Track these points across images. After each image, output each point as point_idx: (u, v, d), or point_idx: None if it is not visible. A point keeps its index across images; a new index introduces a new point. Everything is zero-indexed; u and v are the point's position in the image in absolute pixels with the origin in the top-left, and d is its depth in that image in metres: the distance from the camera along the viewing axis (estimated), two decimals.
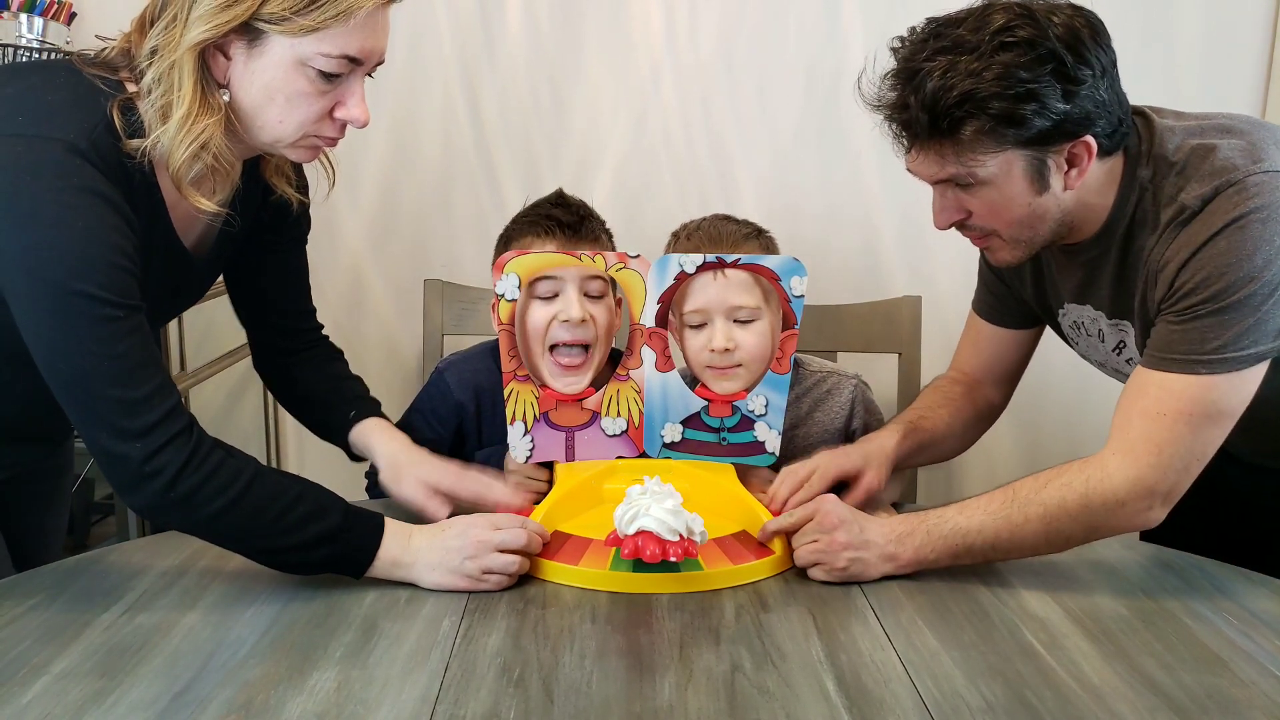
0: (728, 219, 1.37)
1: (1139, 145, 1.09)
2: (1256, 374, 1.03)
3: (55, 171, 0.93)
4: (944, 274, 1.95)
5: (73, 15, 1.76)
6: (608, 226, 1.40)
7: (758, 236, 1.36)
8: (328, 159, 1.16)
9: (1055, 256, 1.19)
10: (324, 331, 1.36)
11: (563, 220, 1.33)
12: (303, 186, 1.23)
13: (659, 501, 1.05)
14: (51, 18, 1.69)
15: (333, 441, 1.31)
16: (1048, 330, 1.34)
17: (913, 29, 1.07)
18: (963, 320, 1.90)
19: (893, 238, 1.96)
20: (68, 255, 0.92)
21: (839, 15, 1.90)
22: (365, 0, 0.98)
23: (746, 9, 1.90)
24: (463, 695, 0.86)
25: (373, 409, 1.30)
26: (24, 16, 1.67)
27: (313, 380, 1.32)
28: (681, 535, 1.04)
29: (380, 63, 1.05)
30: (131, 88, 1.01)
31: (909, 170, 1.12)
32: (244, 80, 1.00)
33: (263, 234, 1.21)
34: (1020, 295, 1.30)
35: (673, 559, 1.04)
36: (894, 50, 1.07)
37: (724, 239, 1.32)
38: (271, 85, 1.00)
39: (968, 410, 1.35)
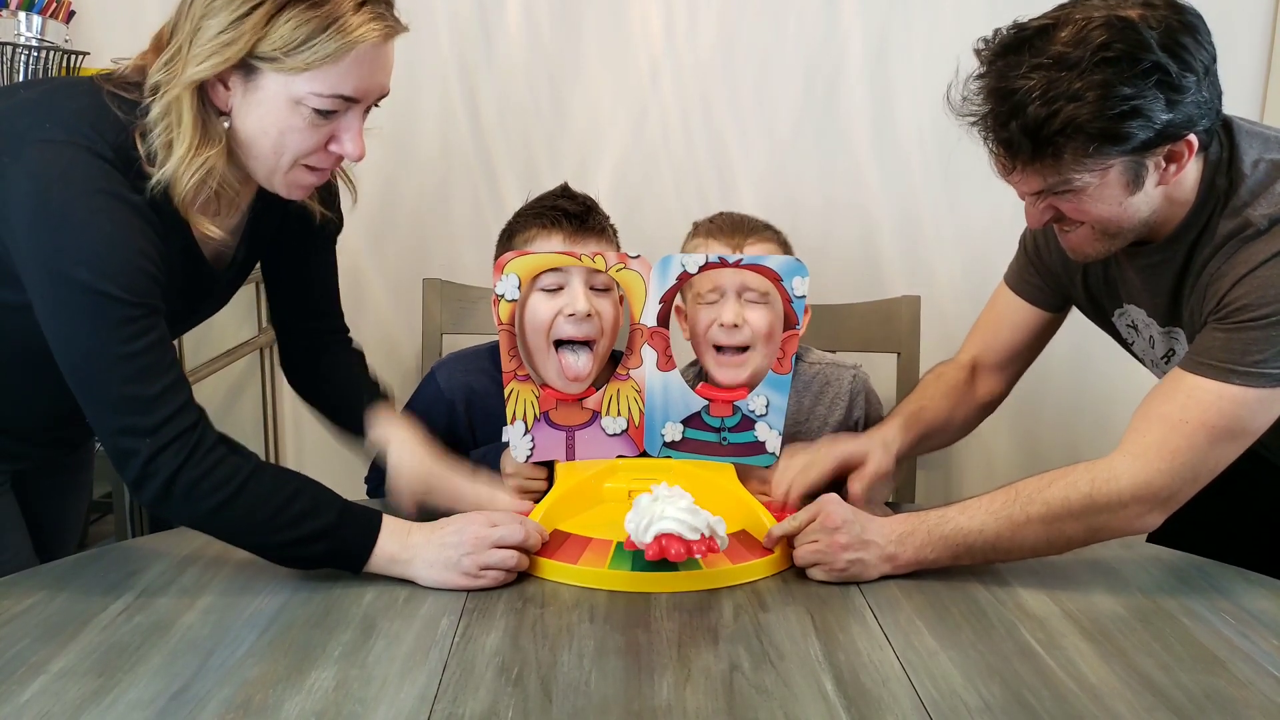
0: (745, 217, 1.40)
1: (1220, 154, 1.07)
2: None
3: (84, 175, 0.96)
4: (943, 273, 1.96)
5: (71, 13, 1.76)
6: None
7: (775, 235, 1.40)
8: (347, 174, 1.18)
9: (1118, 256, 1.17)
10: (349, 335, 1.37)
11: (569, 211, 1.32)
12: (329, 194, 1.22)
13: (672, 503, 1.05)
14: (50, 15, 1.69)
15: (351, 436, 1.30)
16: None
17: (997, 31, 1.04)
18: (962, 320, 1.91)
19: (892, 237, 1.97)
20: (94, 257, 0.95)
21: (838, 14, 1.90)
22: (356, 41, 0.99)
23: (745, 8, 1.90)
24: (461, 694, 0.86)
25: (390, 404, 1.30)
26: (23, 14, 1.67)
27: (336, 379, 1.33)
28: (703, 534, 1.04)
29: (383, 95, 1.06)
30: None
31: (1003, 179, 1.09)
32: (241, 112, 1.02)
33: (290, 240, 1.22)
34: (1065, 289, 1.29)
35: (697, 556, 1.04)
36: (978, 53, 1.05)
37: (744, 224, 1.37)
38: (266, 120, 1.01)
39: (969, 399, 1.35)
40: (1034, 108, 0.98)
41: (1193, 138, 1.02)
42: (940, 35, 1.89)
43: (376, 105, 1.07)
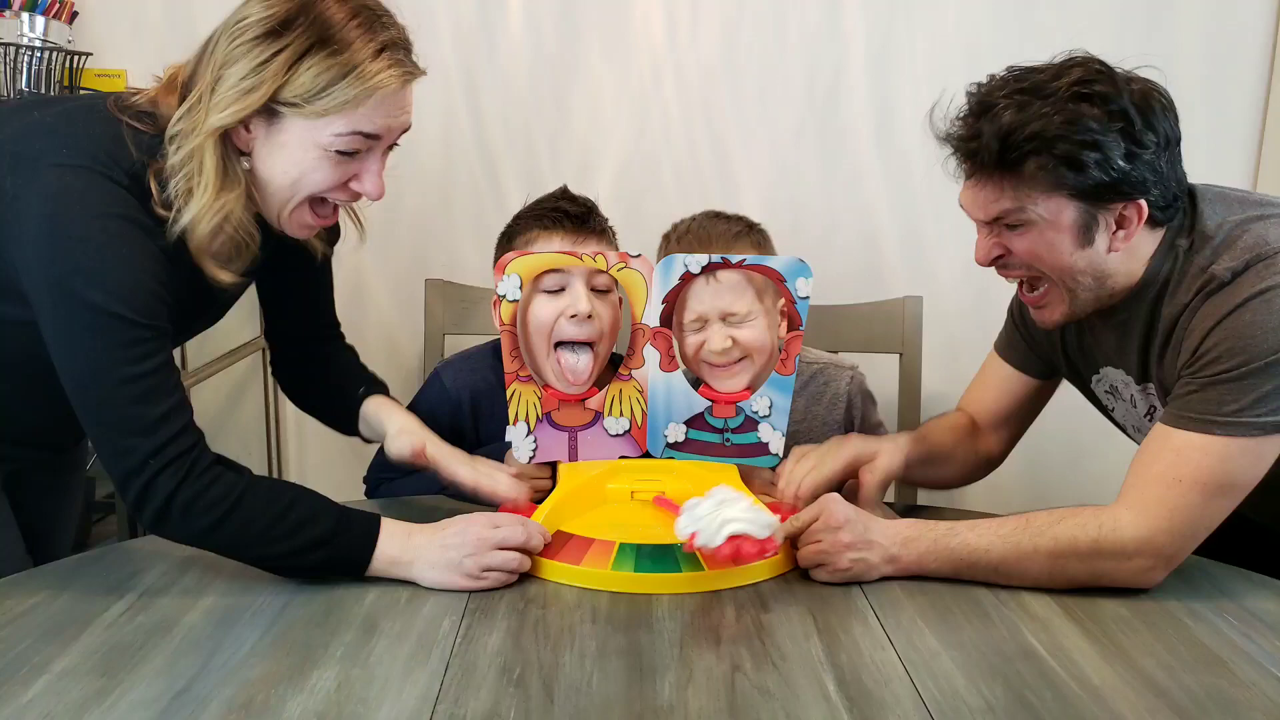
0: (717, 216, 1.37)
1: (1183, 220, 1.11)
2: (1272, 446, 1.03)
3: (100, 199, 0.98)
4: (945, 274, 1.95)
5: (74, 14, 1.76)
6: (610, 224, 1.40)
7: (749, 233, 1.35)
8: (355, 215, 1.20)
9: (1090, 321, 1.20)
10: (341, 332, 1.39)
11: (570, 212, 1.32)
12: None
13: (735, 505, 1.06)
14: (53, 16, 1.70)
15: (344, 427, 1.32)
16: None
17: (991, 75, 1.10)
18: (964, 320, 1.91)
19: (893, 238, 1.96)
20: (108, 280, 0.97)
21: (839, 16, 1.90)
22: (375, 89, 1.01)
23: (747, 9, 1.90)
24: (463, 694, 0.86)
25: (383, 390, 1.33)
26: (26, 15, 1.67)
27: (330, 374, 1.35)
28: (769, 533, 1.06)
29: (405, 131, 1.09)
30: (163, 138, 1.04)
31: (961, 205, 1.14)
32: (263, 153, 1.04)
33: (289, 258, 1.22)
34: (1050, 356, 1.30)
35: (770, 554, 1.06)
36: (970, 94, 1.10)
37: (715, 240, 1.32)
38: (288, 161, 1.04)
39: (970, 443, 1.35)
40: (1007, 115, 1.04)
41: (1143, 203, 1.06)
42: (942, 36, 1.89)
43: (397, 144, 1.09)
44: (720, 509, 1.06)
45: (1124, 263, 1.11)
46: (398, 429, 1.25)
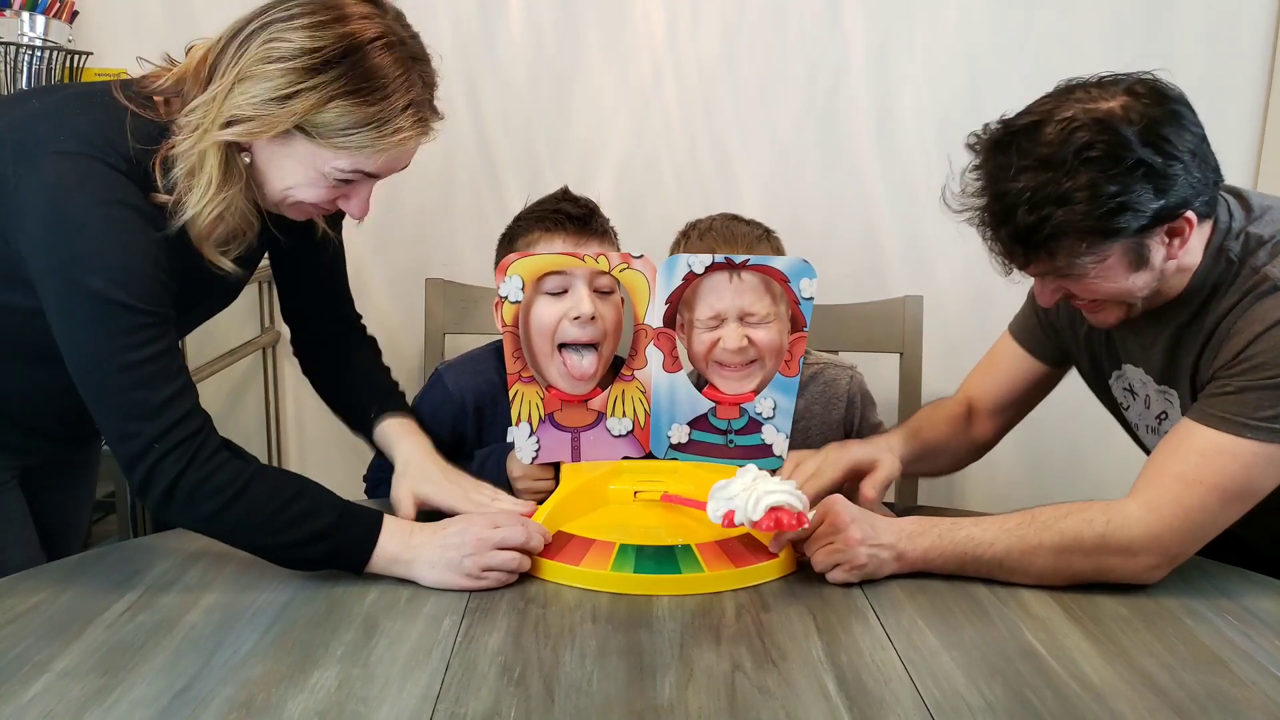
0: (737, 219, 1.37)
1: (1230, 221, 1.10)
2: None
3: (99, 186, 0.98)
4: (945, 273, 1.96)
5: (74, 14, 1.76)
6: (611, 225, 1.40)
7: (767, 238, 1.36)
8: None
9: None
10: (362, 321, 1.39)
11: (571, 214, 1.32)
12: None
13: (768, 480, 1.08)
14: (54, 16, 1.70)
15: (360, 434, 1.32)
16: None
17: (986, 126, 1.08)
18: (964, 320, 1.91)
19: (894, 237, 1.97)
20: (109, 266, 0.97)
21: (840, 16, 1.90)
22: (393, 145, 1.02)
23: (747, 9, 1.90)
24: (464, 694, 0.86)
25: (398, 405, 1.31)
26: (26, 15, 1.68)
27: (350, 379, 1.34)
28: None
29: (403, 169, 1.10)
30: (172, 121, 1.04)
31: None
32: (264, 156, 1.05)
33: (295, 234, 1.22)
34: (1067, 345, 1.30)
35: (805, 527, 1.07)
36: (971, 147, 1.09)
37: (738, 240, 1.33)
38: (285, 173, 1.05)
39: (965, 433, 1.36)
40: (1023, 214, 1.01)
41: (1191, 214, 1.04)
42: (943, 36, 1.88)
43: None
44: (756, 484, 1.07)
45: (1179, 265, 1.09)
46: (398, 479, 1.22)
